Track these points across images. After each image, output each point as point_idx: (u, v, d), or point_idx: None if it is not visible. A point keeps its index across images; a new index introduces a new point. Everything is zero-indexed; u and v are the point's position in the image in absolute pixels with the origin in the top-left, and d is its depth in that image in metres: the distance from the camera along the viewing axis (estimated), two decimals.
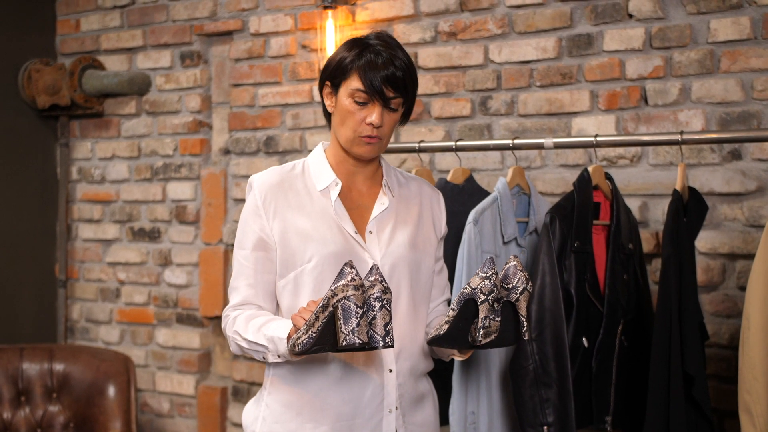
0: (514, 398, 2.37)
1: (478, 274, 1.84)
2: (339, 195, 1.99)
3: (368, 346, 1.74)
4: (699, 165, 2.80)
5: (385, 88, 1.91)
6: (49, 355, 3.31)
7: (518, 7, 3.09)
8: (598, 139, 2.50)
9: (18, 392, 3.25)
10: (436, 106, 3.26)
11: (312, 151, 2.09)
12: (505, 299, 1.86)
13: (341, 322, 1.72)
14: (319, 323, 1.73)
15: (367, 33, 2.01)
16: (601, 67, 2.95)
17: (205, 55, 3.79)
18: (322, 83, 2.02)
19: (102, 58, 4.02)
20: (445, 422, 2.50)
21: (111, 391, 3.25)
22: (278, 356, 1.88)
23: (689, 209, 2.41)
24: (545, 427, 2.31)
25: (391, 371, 1.95)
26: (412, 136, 3.29)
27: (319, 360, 1.93)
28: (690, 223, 2.40)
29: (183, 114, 3.84)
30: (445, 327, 1.86)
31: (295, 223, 1.96)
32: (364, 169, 2.04)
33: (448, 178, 2.70)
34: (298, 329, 1.77)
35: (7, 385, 3.25)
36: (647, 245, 2.78)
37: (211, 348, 3.79)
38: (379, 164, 2.07)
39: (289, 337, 1.82)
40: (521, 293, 1.86)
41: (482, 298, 1.82)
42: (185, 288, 3.82)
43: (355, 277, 1.73)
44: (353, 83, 1.93)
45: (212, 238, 3.74)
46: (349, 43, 1.99)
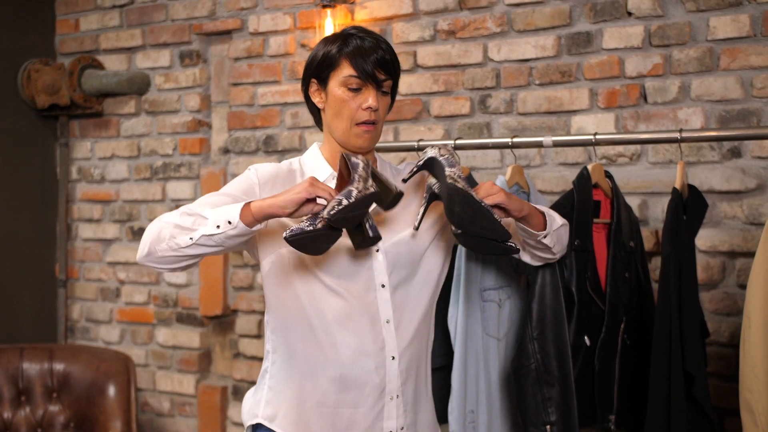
0: (516, 397, 2.37)
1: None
2: (339, 189, 1.98)
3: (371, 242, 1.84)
4: (699, 163, 2.80)
5: (377, 70, 1.92)
6: (50, 355, 3.31)
7: (517, 5, 3.09)
8: (598, 137, 2.50)
9: (18, 392, 3.25)
10: (435, 104, 3.25)
11: (307, 151, 2.09)
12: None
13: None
14: (367, 191, 1.79)
15: (344, 27, 2.02)
16: (600, 65, 2.95)
17: (204, 55, 3.79)
18: (307, 82, 2.02)
19: (101, 58, 4.02)
20: (444, 421, 2.50)
21: (111, 390, 3.25)
22: (217, 227, 1.77)
23: (689, 207, 2.40)
24: (548, 426, 2.31)
25: (393, 358, 1.95)
26: (411, 135, 3.29)
27: (320, 346, 1.92)
28: (690, 221, 2.40)
29: (182, 113, 3.83)
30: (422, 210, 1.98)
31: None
32: None
33: None
34: (324, 199, 1.78)
35: (7, 384, 3.25)
36: (647, 243, 2.78)
37: (211, 347, 3.79)
38: (374, 159, 2.07)
39: (249, 207, 1.77)
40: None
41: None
42: (185, 287, 3.82)
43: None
44: (344, 71, 1.93)
45: None
46: (329, 38, 1.99)
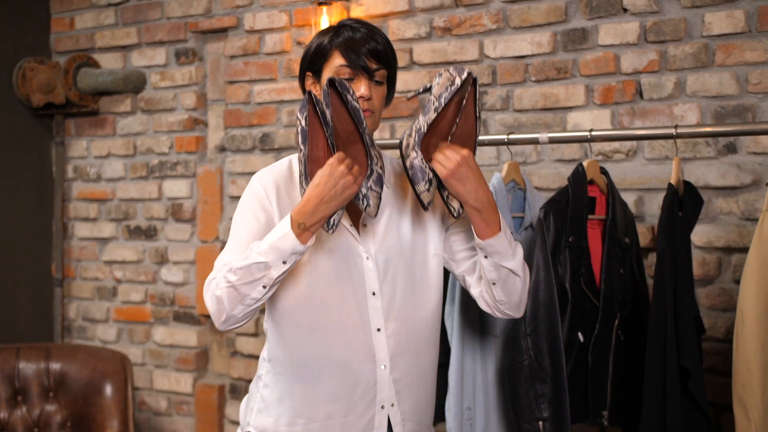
0: (509, 393, 2.37)
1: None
2: None
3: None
4: (694, 159, 2.79)
5: (368, 60, 1.91)
6: (46, 355, 3.30)
7: (513, 1, 3.09)
8: (594, 133, 2.50)
9: (15, 391, 3.25)
10: None
11: None
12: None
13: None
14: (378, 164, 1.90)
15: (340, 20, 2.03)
16: (596, 61, 2.95)
17: (200, 53, 3.79)
18: (303, 75, 2.01)
19: (97, 56, 4.02)
20: (441, 418, 2.50)
21: (108, 389, 3.24)
22: (283, 263, 1.78)
23: (684, 203, 2.40)
24: (540, 422, 2.31)
25: (384, 367, 1.93)
26: None
27: (311, 354, 1.92)
28: (685, 217, 2.39)
29: (178, 111, 3.83)
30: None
31: None
32: None
33: None
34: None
35: (3, 384, 3.24)
36: (643, 239, 2.78)
37: (208, 346, 3.79)
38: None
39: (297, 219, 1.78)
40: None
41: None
42: (182, 286, 3.82)
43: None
44: (336, 61, 1.93)
45: (209, 236, 3.74)
46: (323, 31, 2.00)
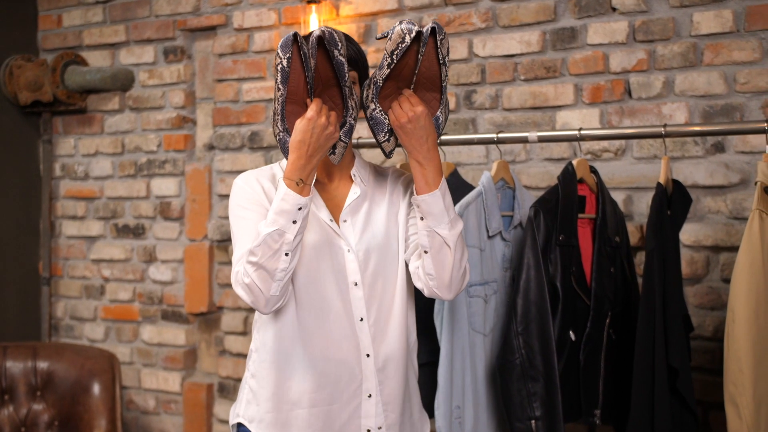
0: (501, 392, 2.37)
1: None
2: (315, 186, 2.03)
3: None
4: (683, 158, 2.81)
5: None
6: (33, 353, 3.29)
7: (502, 0, 3.09)
8: (583, 132, 2.50)
9: (1, 391, 3.23)
10: None
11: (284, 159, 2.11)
12: None
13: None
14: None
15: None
16: (585, 60, 2.95)
17: (188, 51, 3.77)
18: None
19: (84, 54, 3.99)
20: (430, 416, 2.50)
21: (96, 388, 3.23)
22: (293, 222, 1.83)
23: (673, 202, 2.41)
24: (533, 421, 2.31)
25: (368, 356, 1.98)
26: None
27: (298, 344, 1.96)
28: (674, 215, 2.40)
29: (167, 110, 3.81)
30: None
31: None
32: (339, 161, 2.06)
33: None
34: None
35: None
36: (632, 238, 2.79)
37: (196, 344, 3.78)
38: (352, 156, 2.11)
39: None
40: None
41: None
42: (170, 284, 3.80)
43: None
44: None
45: (197, 234, 3.73)
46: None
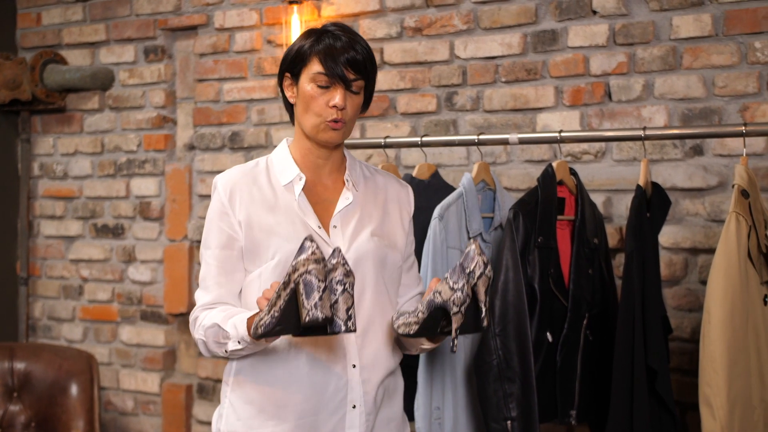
0: (478, 393, 2.37)
1: (448, 282, 1.80)
2: (303, 189, 1.98)
3: (330, 328, 1.70)
4: (662, 160, 2.82)
5: (346, 69, 1.91)
6: (10, 354, 3.26)
7: (483, 2, 3.10)
8: (563, 134, 2.51)
9: None
10: (401, 101, 3.25)
11: (276, 147, 2.07)
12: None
13: (303, 297, 1.66)
14: (281, 301, 1.68)
15: (324, 23, 2.01)
16: (565, 63, 2.97)
17: (169, 50, 3.76)
18: (282, 76, 2.01)
19: (64, 53, 3.97)
20: (410, 417, 2.50)
21: (74, 389, 3.20)
22: (238, 342, 1.83)
23: (652, 204, 2.42)
24: (509, 422, 2.32)
25: (354, 366, 1.93)
26: (377, 132, 3.28)
27: (281, 355, 1.92)
28: (653, 218, 2.42)
29: (147, 109, 3.80)
30: (415, 327, 1.84)
31: (260, 219, 1.95)
32: (329, 162, 2.02)
33: (414, 173, 2.69)
34: (261, 311, 1.74)
35: None
36: (611, 240, 2.80)
37: (175, 345, 3.76)
38: (344, 157, 2.06)
39: (251, 321, 1.78)
40: (479, 277, 1.81)
41: (455, 310, 1.79)
42: (149, 285, 3.79)
43: (316, 251, 1.68)
44: (314, 68, 1.92)
45: (177, 235, 3.71)
46: (306, 33, 1.99)
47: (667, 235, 2.79)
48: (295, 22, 3.33)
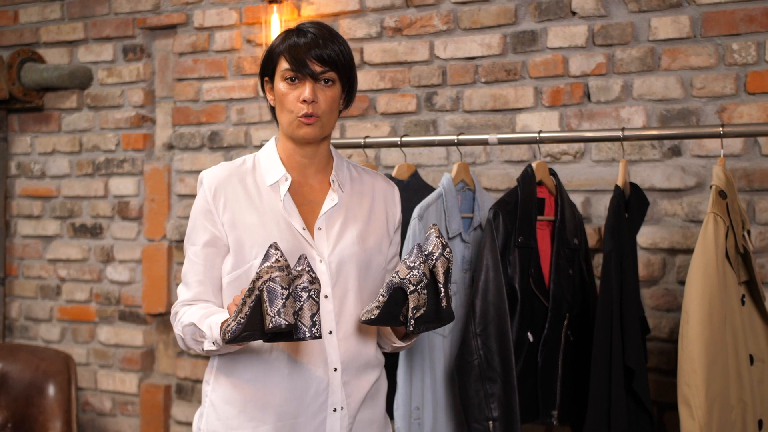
0: (459, 393, 2.38)
1: (405, 262, 1.84)
2: (289, 190, 1.97)
3: (295, 334, 1.72)
4: (640, 161, 2.84)
5: (310, 61, 1.91)
6: None
7: (463, 3, 3.10)
8: (542, 135, 2.52)
9: None
10: (381, 101, 3.25)
11: (264, 146, 2.07)
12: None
13: (267, 304, 1.69)
14: (247, 308, 1.70)
15: (301, 22, 2.02)
16: (544, 63, 2.98)
17: (148, 49, 3.74)
18: (262, 80, 2.02)
19: (42, 51, 3.94)
20: (390, 417, 2.50)
21: (51, 390, 3.18)
22: (213, 343, 1.84)
23: (631, 205, 2.44)
24: (490, 422, 2.32)
25: (336, 370, 1.92)
26: (357, 132, 3.28)
27: (262, 357, 1.91)
28: (631, 218, 2.43)
29: (125, 108, 3.77)
30: (376, 312, 1.86)
31: (244, 219, 1.94)
32: (314, 161, 2.01)
33: (394, 173, 2.70)
34: (230, 317, 1.75)
35: None
36: (590, 240, 2.81)
37: (154, 345, 3.74)
38: (330, 157, 2.05)
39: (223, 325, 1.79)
40: (437, 259, 1.85)
41: (411, 288, 1.83)
42: (128, 285, 3.76)
43: (280, 259, 1.71)
44: (282, 65, 1.94)
45: (155, 235, 3.69)
46: (280, 34, 2.01)
47: (646, 236, 2.81)
48: (275, 21, 3.32)
